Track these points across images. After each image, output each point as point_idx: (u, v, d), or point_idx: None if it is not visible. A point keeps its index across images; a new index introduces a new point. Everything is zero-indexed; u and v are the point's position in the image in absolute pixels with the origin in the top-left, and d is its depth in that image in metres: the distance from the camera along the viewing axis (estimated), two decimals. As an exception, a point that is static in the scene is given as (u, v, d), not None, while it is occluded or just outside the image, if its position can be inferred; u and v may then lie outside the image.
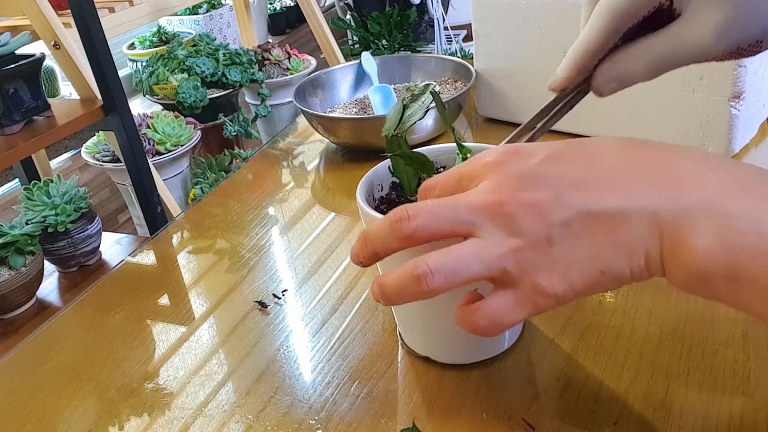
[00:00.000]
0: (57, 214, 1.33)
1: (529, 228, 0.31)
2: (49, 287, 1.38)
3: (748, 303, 0.30)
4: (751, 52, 0.38)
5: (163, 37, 2.28)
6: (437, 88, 0.85)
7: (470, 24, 0.85)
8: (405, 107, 0.48)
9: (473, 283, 0.32)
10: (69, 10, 1.29)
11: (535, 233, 0.31)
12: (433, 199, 0.35)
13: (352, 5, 2.41)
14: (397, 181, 0.51)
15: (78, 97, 1.43)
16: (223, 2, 2.54)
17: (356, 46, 2.46)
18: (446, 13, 2.45)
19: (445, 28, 2.39)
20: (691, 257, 0.30)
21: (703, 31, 0.37)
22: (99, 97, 1.37)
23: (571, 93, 0.43)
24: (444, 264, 0.32)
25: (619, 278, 0.32)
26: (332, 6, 2.95)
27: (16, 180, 1.78)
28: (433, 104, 0.46)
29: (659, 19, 0.39)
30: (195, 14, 2.44)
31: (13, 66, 1.22)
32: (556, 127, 0.84)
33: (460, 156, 0.46)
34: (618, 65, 0.40)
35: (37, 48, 1.35)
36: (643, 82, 0.41)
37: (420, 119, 0.46)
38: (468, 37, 2.54)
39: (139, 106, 2.14)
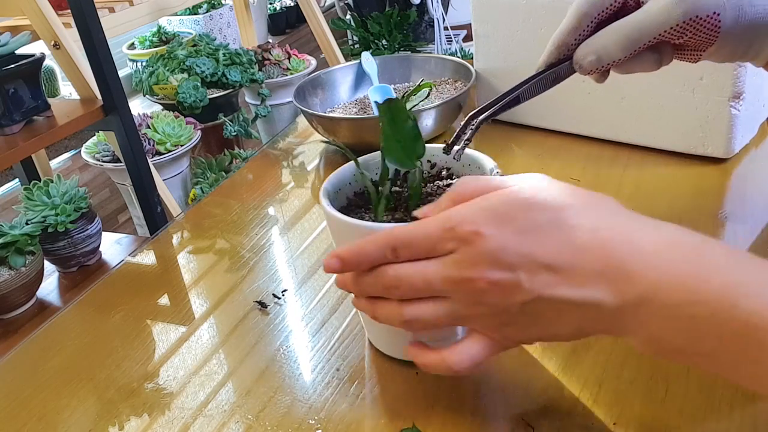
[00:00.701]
0: (57, 214, 1.33)
1: (492, 302, 0.36)
2: (49, 287, 1.38)
3: (706, 369, 0.35)
4: (710, 27, 0.43)
5: (163, 37, 2.28)
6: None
7: (470, 24, 0.85)
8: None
9: None
10: (69, 10, 1.29)
11: (498, 306, 0.36)
12: (410, 267, 0.38)
13: (352, 5, 2.41)
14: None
15: (78, 97, 1.43)
16: (223, 2, 2.54)
17: (356, 46, 2.45)
18: (446, 13, 2.45)
19: (445, 28, 2.39)
20: (633, 340, 0.35)
21: None
22: (99, 97, 1.37)
23: (556, 67, 0.48)
24: (421, 319, 0.38)
25: (568, 341, 0.38)
26: (332, 6, 2.95)
27: (16, 180, 1.78)
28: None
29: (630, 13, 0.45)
30: (195, 14, 2.43)
31: (13, 66, 1.22)
32: (561, 128, 0.84)
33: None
34: (593, 40, 0.46)
35: (37, 48, 1.35)
36: (620, 59, 0.45)
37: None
38: (468, 37, 2.54)
39: (139, 106, 2.14)
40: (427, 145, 0.53)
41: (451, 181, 0.51)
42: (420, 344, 0.40)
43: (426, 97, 0.48)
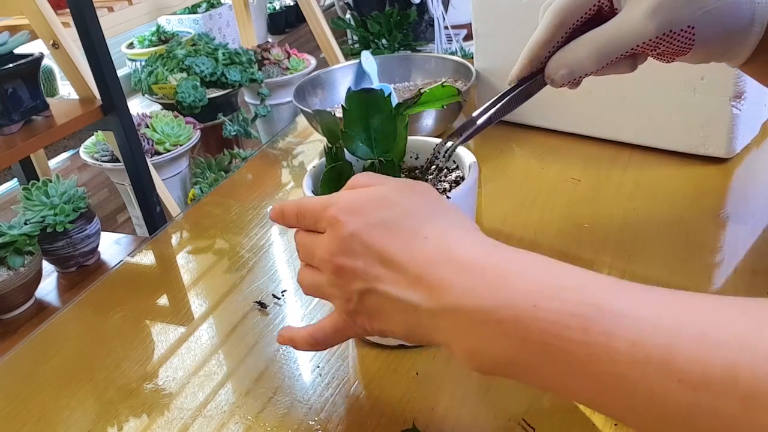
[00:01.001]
0: (56, 214, 1.32)
1: (340, 284, 0.39)
2: (47, 287, 1.37)
3: (531, 384, 0.34)
4: (684, 40, 0.42)
5: (162, 37, 2.28)
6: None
7: (470, 23, 0.84)
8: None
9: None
10: (68, 10, 1.29)
11: (344, 290, 0.39)
12: (304, 236, 0.42)
13: (351, 4, 2.41)
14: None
15: (77, 97, 1.42)
16: (222, 1, 2.53)
17: (356, 45, 2.45)
18: (446, 13, 2.45)
19: (445, 28, 2.39)
20: (458, 357, 0.35)
21: (639, 11, 0.42)
22: (98, 96, 1.37)
23: (527, 82, 0.47)
24: (303, 283, 0.43)
25: (408, 343, 0.40)
26: (332, 5, 2.95)
27: (15, 180, 1.78)
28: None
29: (605, 19, 0.44)
30: (194, 13, 2.43)
31: (11, 65, 1.22)
32: (562, 128, 0.84)
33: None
34: (566, 53, 0.45)
35: (35, 47, 1.35)
36: (592, 71, 0.44)
37: None
38: (468, 37, 2.54)
39: (138, 105, 2.14)
40: (420, 137, 0.53)
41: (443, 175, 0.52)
42: (289, 327, 0.45)
43: (457, 96, 0.48)
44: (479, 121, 0.47)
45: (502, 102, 0.48)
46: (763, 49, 0.44)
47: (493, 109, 0.47)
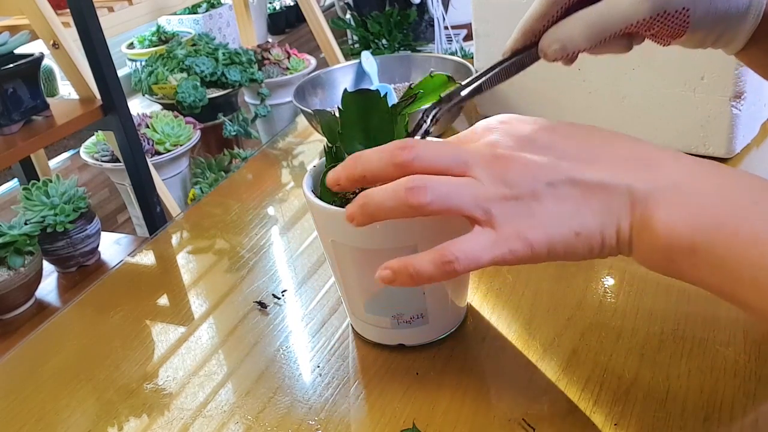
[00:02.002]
0: (56, 214, 1.33)
1: (520, 182, 0.35)
2: (48, 287, 1.37)
3: (704, 276, 0.34)
4: (679, 21, 0.42)
5: (163, 37, 2.27)
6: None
7: (470, 23, 0.84)
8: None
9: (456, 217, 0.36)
10: (68, 10, 1.29)
11: (525, 187, 0.35)
12: (431, 142, 0.38)
13: (351, 5, 2.40)
14: None
15: (77, 97, 1.42)
16: (222, 2, 2.53)
17: (356, 45, 2.45)
18: (446, 13, 2.45)
19: (446, 28, 2.39)
20: (656, 231, 0.34)
21: None
22: (98, 96, 1.37)
23: (521, 54, 0.47)
24: (438, 185, 0.35)
25: (590, 243, 0.35)
26: (332, 5, 2.95)
27: (15, 180, 1.78)
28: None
29: None
30: (194, 14, 2.43)
31: (11, 65, 1.22)
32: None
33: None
34: (560, 28, 0.44)
35: (36, 47, 1.35)
36: (585, 48, 0.44)
37: None
38: (468, 37, 2.54)
39: (138, 105, 2.14)
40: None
41: None
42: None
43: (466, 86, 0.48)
44: (467, 90, 0.46)
45: (494, 72, 0.47)
46: (760, 39, 0.44)
47: (484, 78, 0.46)
